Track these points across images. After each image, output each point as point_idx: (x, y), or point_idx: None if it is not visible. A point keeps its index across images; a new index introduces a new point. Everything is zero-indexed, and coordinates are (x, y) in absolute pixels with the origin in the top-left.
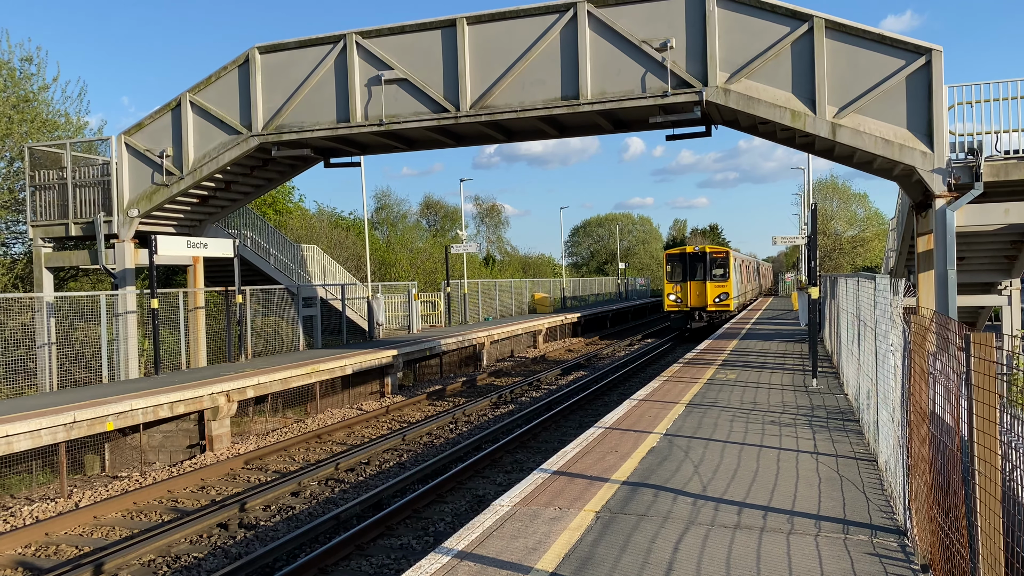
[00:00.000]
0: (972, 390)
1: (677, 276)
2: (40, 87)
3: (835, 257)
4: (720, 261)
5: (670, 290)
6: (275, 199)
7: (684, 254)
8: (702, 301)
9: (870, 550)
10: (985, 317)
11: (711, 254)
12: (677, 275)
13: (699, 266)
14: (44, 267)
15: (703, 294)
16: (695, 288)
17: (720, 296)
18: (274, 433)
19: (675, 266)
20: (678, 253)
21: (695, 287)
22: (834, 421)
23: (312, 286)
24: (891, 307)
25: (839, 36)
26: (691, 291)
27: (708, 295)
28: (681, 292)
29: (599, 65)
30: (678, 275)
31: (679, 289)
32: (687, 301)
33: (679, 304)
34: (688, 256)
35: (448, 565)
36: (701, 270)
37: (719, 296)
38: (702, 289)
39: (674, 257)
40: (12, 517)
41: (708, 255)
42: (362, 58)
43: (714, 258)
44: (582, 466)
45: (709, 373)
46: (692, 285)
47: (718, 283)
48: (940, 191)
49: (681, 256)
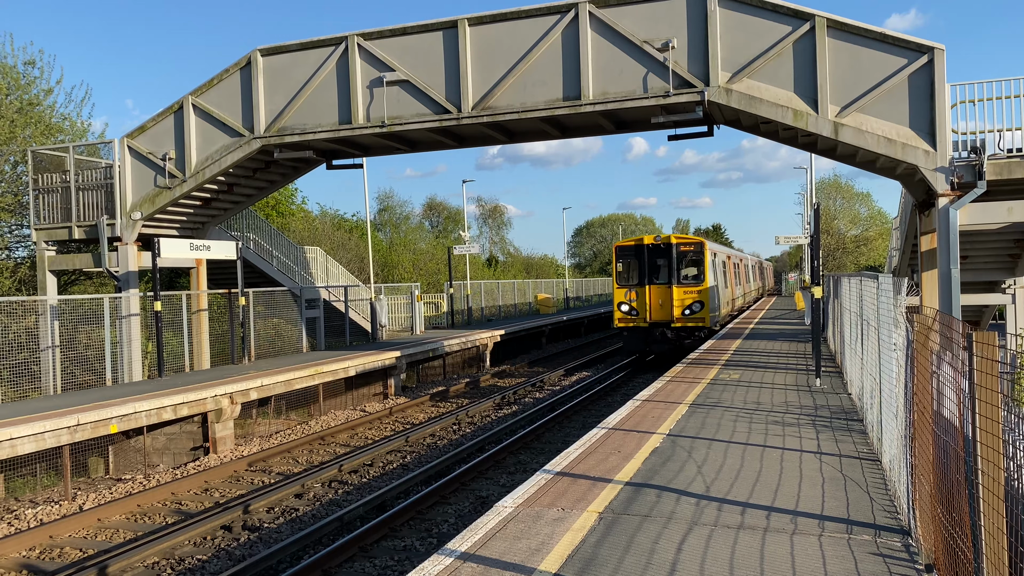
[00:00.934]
0: (975, 389)
1: (632, 278)
2: (44, 91)
3: (838, 256)
4: (692, 256)
5: (621, 297)
6: (278, 201)
7: (641, 247)
8: (666, 313)
9: (874, 550)
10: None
11: (679, 247)
12: (632, 276)
13: (662, 263)
14: (48, 270)
15: (667, 303)
16: (656, 295)
17: (692, 306)
18: (278, 435)
19: (629, 264)
20: (632, 245)
21: (656, 293)
22: (837, 421)
23: (315, 288)
24: (894, 306)
25: (841, 35)
26: (651, 299)
27: (675, 305)
28: (637, 300)
29: (601, 66)
30: (633, 276)
31: (634, 296)
32: (645, 313)
33: (633, 317)
34: (647, 250)
35: (452, 566)
36: (665, 269)
37: (690, 306)
38: (666, 296)
39: (627, 251)
40: (16, 520)
41: (675, 248)
42: (364, 60)
43: (683, 252)
44: (585, 467)
45: (712, 373)
46: (652, 291)
47: (689, 287)
48: (943, 190)
49: (637, 250)
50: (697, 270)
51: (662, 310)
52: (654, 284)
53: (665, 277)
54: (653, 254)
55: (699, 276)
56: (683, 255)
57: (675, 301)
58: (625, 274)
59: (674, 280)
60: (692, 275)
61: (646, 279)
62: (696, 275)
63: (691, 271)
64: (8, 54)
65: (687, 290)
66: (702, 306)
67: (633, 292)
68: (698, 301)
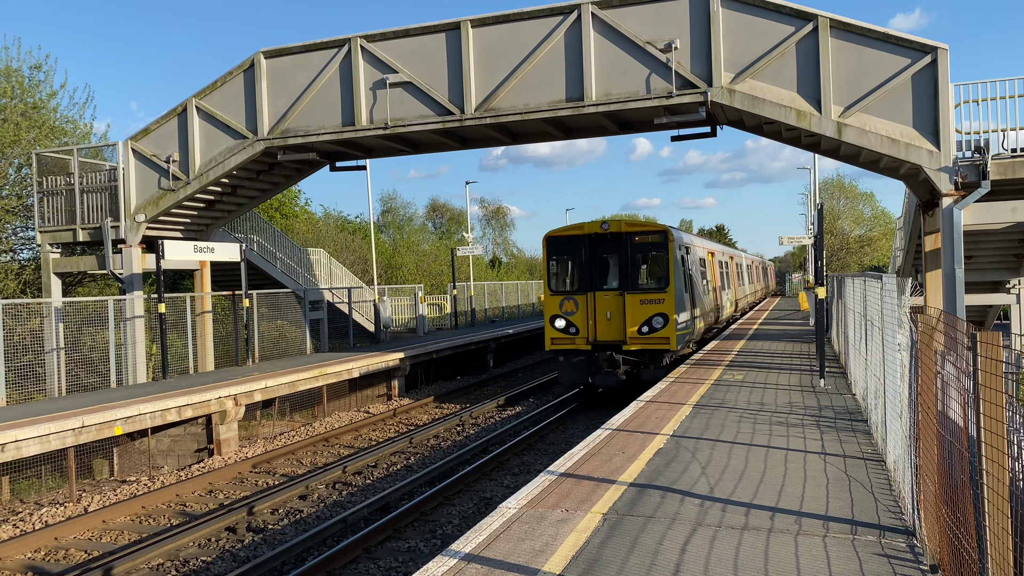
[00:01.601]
0: (980, 389)
1: (569, 282)
2: (48, 94)
3: (842, 256)
4: (652, 252)
5: (555, 309)
6: (281, 203)
7: (581, 239)
8: (615, 331)
9: (879, 551)
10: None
11: (633, 238)
12: (569, 280)
13: (611, 262)
14: (52, 272)
15: (618, 317)
16: (603, 306)
17: (652, 322)
18: (281, 437)
19: (565, 263)
20: (569, 237)
21: (603, 304)
22: (842, 421)
23: (319, 290)
24: (898, 306)
25: (844, 35)
26: (595, 311)
27: (628, 319)
28: (577, 313)
29: (603, 66)
30: (571, 280)
31: (572, 308)
32: (587, 331)
33: (571, 337)
34: (589, 243)
35: (456, 568)
36: (615, 270)
37: (649, 322)
38: (616, 307)
39: (562, 245)
40: (22, 522)
41: (628, 240)
42: (367, 62)
43: (639, 246)
44: (589, 468)
45: (716, 374)
46: (597, 300)
47: (648, 295)
48: (947, 190)
49: (575, 243)
50: (660, 271)
51: (610, 327)
52: (600, 291)
53: (615, 281)
54: (598, 249)
55: (662, 279)
56: (640, 250)
57: (628, 314)
58: (560, 277)
59: (627, 285)
60: (653, 278)
61: (588, 284)
62: (658, 278)
63: (651, 272)
64: (14, 58)
65: (646, 298)
66: (665, 322)
67: (571, 302)
68: (660, 314)
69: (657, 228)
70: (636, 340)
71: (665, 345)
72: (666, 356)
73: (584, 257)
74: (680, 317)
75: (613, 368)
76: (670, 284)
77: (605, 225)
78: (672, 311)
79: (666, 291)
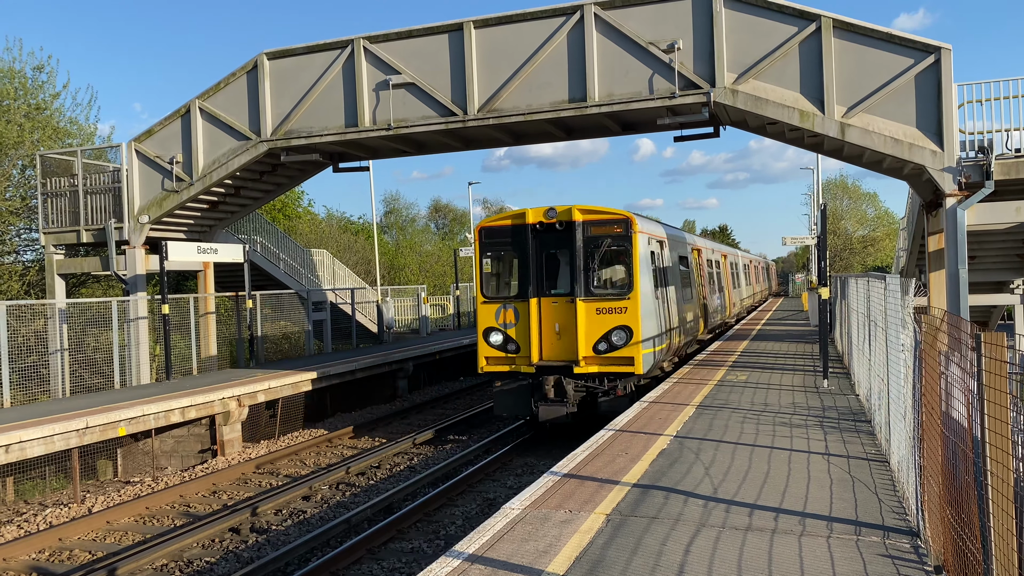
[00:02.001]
0: (984, 390)
1: (510, 286)
2: (52, 95)
3: (845, 257)
4: (611, 246)
5: (490, 320)
6: (284, 204)
7: (522, 229)
8: (566, 349)
9: (883, 551)
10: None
11: (588, 228)
12: (510, 284)
13: (561, 259)
14: (56, 274)
15: (569, 330)
16: (552, 316)
17: (611, 336)
18: (284, 438)
19: (503, 261)
20: (507, 227)
21: (553, 314)
22: (845, 422)
23: (322, 290)
24: (902, 307)
25: (847, 35)
26: (540, 324)
27: (580, 332)
28: (517, 326)
29: (606, 67)
30: (512, 283)
31: (511, 318)
32: (529, 349)
33: (510, 356)
34: (531, 234)
35: (459, 568)
36: (566, 269)
37: (608, 336)
38: (566, 317)
39: (499, 238)
40: (26, 523)
41: (580, 231)
42: (370, 63)
43: (595, 239)
44: (592, 468)
45: (719, 374)
46: (545, 309)
47: (606, 301)
48: (950, 190)
49: (515, 235)
50: (622, 270)
51: (560, 344)
52: (547, 296)
53: (565, 284)
54: (544, 242)
55: (625, 281)
56: (596, 244)
57: (582, 327)
58: (497, 279)
59: (580, 289)
60: (613, 280)
61: (532, 287)
62: (620, 279)
63: (611, 272)
64: (16, 59)
65: (604, 306)
66: (628, 336)
67: (510, 311)
68: (621, 327)
69: (618, 215)
70: (591, 360)
71: (628, 367)
72: (630, 381)
73: (526, 253)
74: (648, 329)
75: (561, 397)
76: (635, 287)
77: (552, 211)
78: (637, 322)
79: (629, 296)
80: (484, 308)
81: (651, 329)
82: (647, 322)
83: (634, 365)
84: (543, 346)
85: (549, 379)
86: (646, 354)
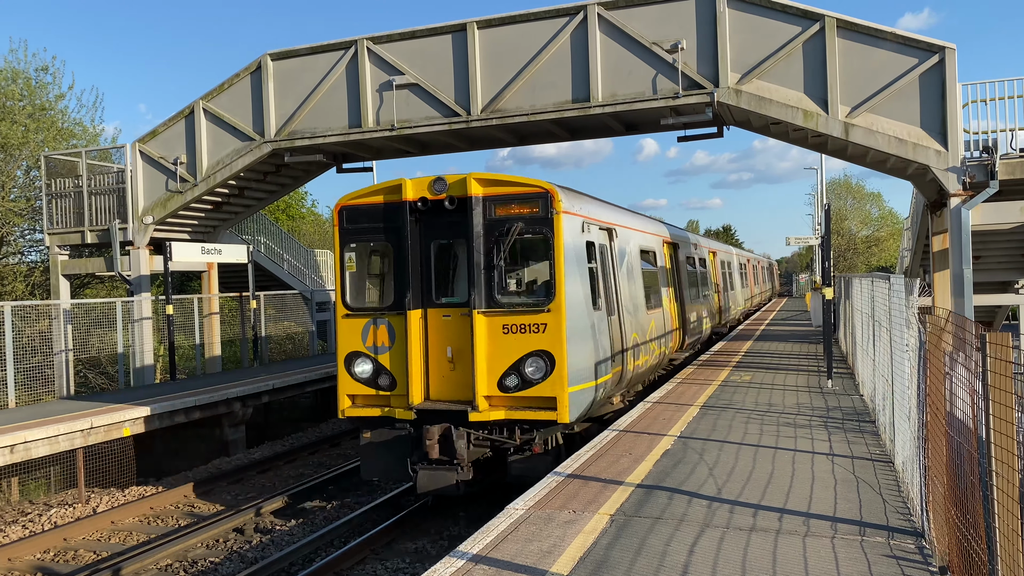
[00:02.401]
0: (989, 390)
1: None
2: (56, 96)
3: (849, 257)
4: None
5: (354, 343)
6: (288, 205)
7: (400, 208)
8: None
9: (887, 552)
10: (1002, 316)
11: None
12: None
13: (454, 253)
14: (60, 274)
15: (464, 359)
16: (441, 336)
17: (524, 366)
18: (290, 438)
19: (372, 256)
20: (379, 205)
21: (442, 333)
22: (850, 422)
23: (326, 291)
24: (906, 307)
25: (851, 35)
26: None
27: (480, 362)
28: (393, 352)
29: (610, 67)
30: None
31: (384, 339)
32: (406, 384)
33: (384, 396)
34: (412, 216)
35: (463, 569)
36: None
37: (518, 366)
38: (461, 339)
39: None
40: (31, 523)
41: (483, 211)
42: (373, 63)
43: (501, 222)
44: (596, 469)
45: (723, 375)
46: (433, 325)
47: (517, 314)
48: (955, 190)
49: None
50: (539, 268)
51: (451, 377)
52: (434, 307)
53: (462, 289)
54: (429, 228)
55: (544, 284)
56: (502, 230)
57: (481, 351)
58: (363, 282)
59: (479, 296)
60: (529, 283)
61: (411, 294)
62: (536, 281)
63: (527, 273)
64: (21, 60)
65: (513, 322)
66: (548, 367)
67: (382, 329)
68: (538, 353)
69: (532, 187)
70: (497, 402)
71: (548, 411)
72: (554, 432)
73: (404, 243)
74: (579, 355)
75: (450, 457)
76: (558, 294)
77: (440, 182)
78: (561, 345)
79: (550, 308)
80: (347, 324)
81: (584, 354)
82: (578, 345)
83: (555, 409)
84: (429, 381)
85: (433, 430)
86: (576, 392)
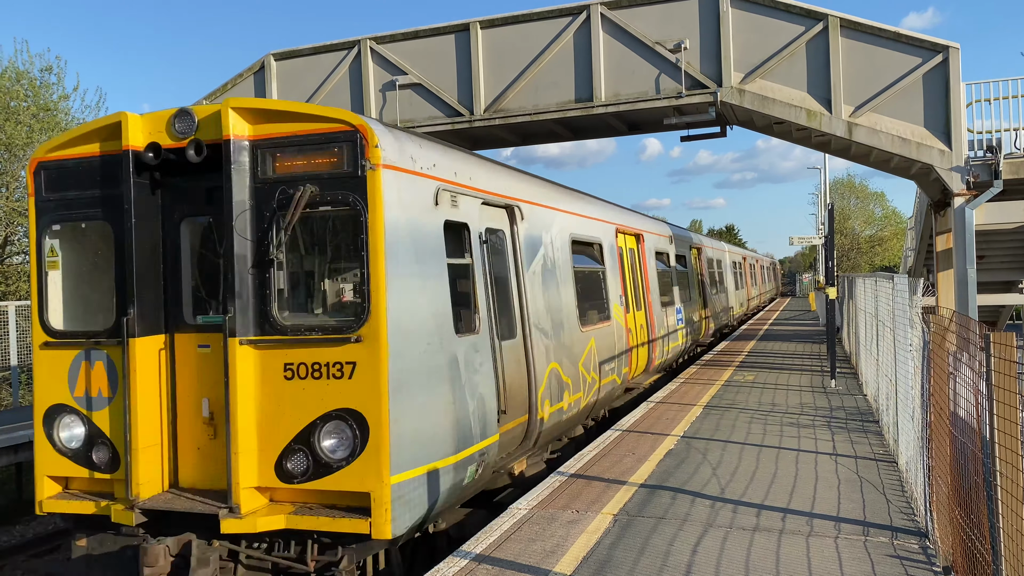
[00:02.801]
0: (993, 390)
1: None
2: (60, 96)
3: (853, 257)
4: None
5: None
6: None
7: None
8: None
9: (891, 552)
10: (1006, 316)
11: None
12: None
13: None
14: None
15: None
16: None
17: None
18: None
19: (87, 240)
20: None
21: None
22: (853, 422)
23: None
24: (910, 307)
25: (854, 35)
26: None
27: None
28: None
29: (613, 67)
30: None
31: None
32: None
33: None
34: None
35: (467, 568)
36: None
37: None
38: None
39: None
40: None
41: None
42: (376, 63)
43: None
44: (599, 469)
45: (726, 375)
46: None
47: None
48: (959, 189)
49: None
50: (350, 264)
51: (214, 449)
52: (183, 330)
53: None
54: (176, 196)
55: (355, 291)
56: (283, 196)
57: (244, 406)
58: (72, 290)
59: (242, 313)
60: (329, 292)
61: (135, 308)
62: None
63: (324, 271)
64: (25, 61)
65: (301, 359)
66: (359, 438)
67: (98, 366)
68: (342, 413)
69: (332, 124)
70: (281, 496)
71: (356, 517)
72: (368, 551)
73: (126, 222)
74: (419, 416)
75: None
76: (375, 310)
77: (185, 117)
78: (378, 400)
79: (359, 335)
80: (47, 359)
81: (430, 412)
82: (416, 397)
83: (371, 515)
84: (177, 457)
85: (157, 549)
86: (410, 482)
